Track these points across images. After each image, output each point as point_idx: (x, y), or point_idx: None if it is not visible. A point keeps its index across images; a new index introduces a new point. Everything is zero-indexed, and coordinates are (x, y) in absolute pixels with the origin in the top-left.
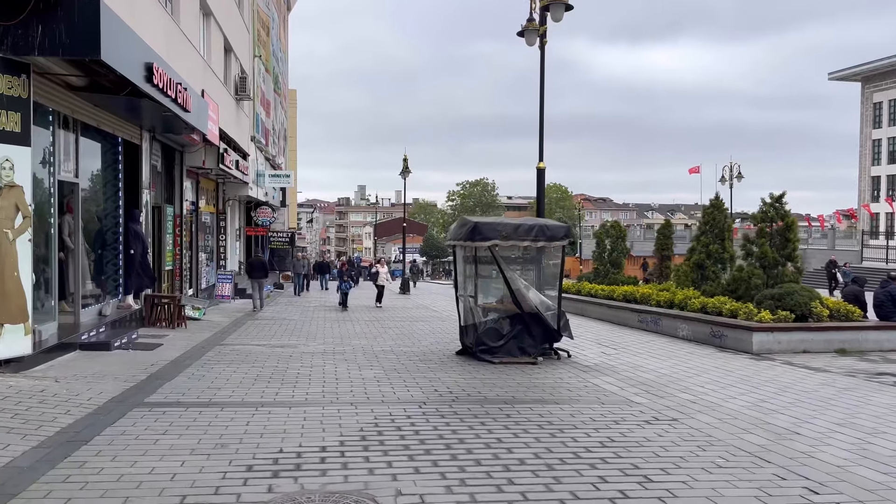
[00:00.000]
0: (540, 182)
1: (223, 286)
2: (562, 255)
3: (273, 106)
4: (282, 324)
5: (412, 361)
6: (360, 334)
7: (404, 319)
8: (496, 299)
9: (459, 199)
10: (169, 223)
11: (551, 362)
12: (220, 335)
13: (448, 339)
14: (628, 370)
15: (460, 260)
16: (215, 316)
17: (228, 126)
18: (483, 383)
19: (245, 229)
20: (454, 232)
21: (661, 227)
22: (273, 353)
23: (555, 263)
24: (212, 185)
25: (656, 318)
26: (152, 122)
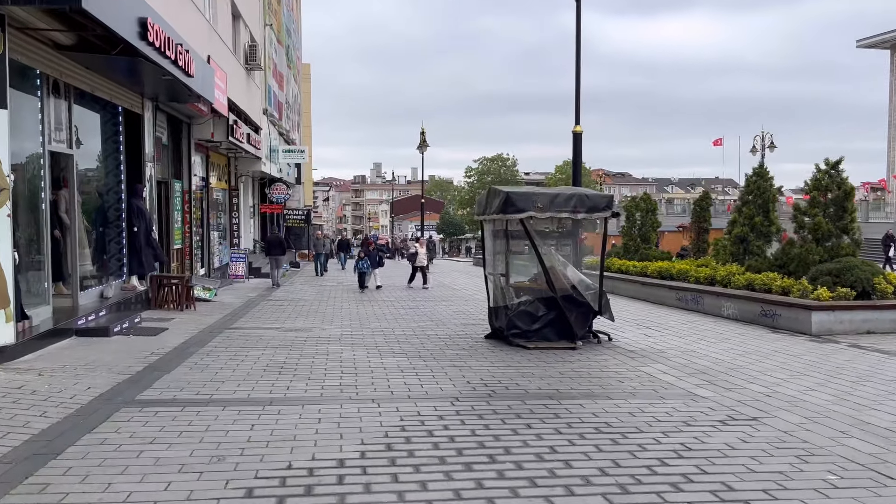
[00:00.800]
0: (576, 147)
1: (236, 265)
2: (604, 228)
3: (286, 79)
4: (297, 305)
5: (438, 347)
6: (380, 316)
7: (425, 299)
8: (529, 278)
9: (477, 175)
10: (177, 199)
11: (591, 347)
12: (230, 318)
13: (474, 321)
14: (679, 356)
15: (489, 235)
16: (227, 296)
17: (238, 97)
18: (520, 373)
19: (259, 207)
20: (482, 204)
21: (698, 199)
22: (286, 339)
23: (596, 237)
24: (223, 161)
25: (697, 296)
26: (153, 88)
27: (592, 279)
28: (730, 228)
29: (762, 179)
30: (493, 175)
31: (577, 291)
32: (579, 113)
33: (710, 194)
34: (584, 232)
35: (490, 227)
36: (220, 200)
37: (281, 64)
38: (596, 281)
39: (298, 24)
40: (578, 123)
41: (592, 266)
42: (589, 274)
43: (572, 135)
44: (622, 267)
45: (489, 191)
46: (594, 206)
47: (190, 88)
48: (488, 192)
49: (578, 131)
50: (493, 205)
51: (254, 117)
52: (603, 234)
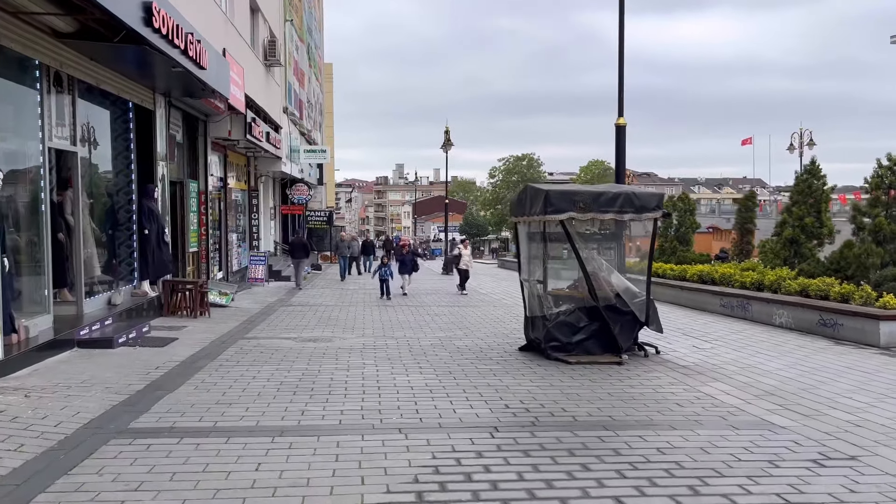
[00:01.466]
0: (620, 141)
1: (256, 268)
2: (653, 230)
3: (307, 78)
4: (316, 311)
5: (468, 360)
6: (404, 324)
7: (451, 304)
8: (569, 285)
9: (502, 174)
10: (192, 200)
11: (638, 361)
12: (246, 325)
13: (506, 330)
14: (739, 373)
15: (524, 238)
16: (245, 301)
17: (257, 94)
18: (564, 394)
19: (280, 208)
20: (517, 205)
21: (743, 199)
22: (304, 350)
23: (642, 241)
24: (242, 161)
25: (744, 303)
26: (165, 82)
27: (638, 286)
28: (778, 230)
29: (813, 177)
30: (518, 175)
31: (622, 300)
32: (622, 104)
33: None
34: (629, 234)
35: (525, 228)
36: (239, 201)
37: (302, 62)
38: (642, 288)
39: (320, 23)
40: (622, 115)
41: (634, 271)
42: (633, 280)
43: (615, 128)
44: (658, 270)
45: (525, 189)
46: (643, 206)
47: (203, 82)
48: (524, 191)
49: (622, 124)
50: (529, 205)
51: (273, 115)
52: (651, 237)
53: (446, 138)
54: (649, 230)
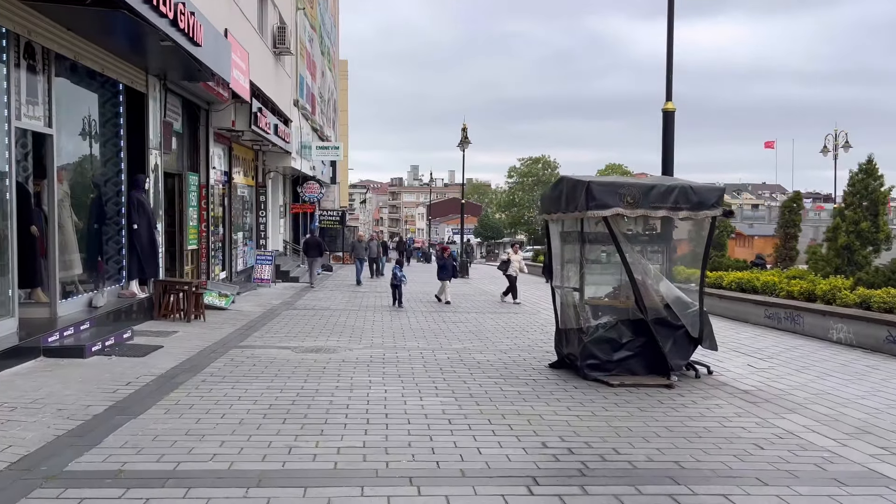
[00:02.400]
0: (667, 128)
1: (262, 268)
2: (709, 231)
3: (321, 72)
4: (322, 315)
5: (492, 379)
6: (417, 331)
7: (468, 311)
8: (608, 294)
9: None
10: (192, 194)
11: (689, 383)
12: (243, 331)
13: (530, 342)
14: (814, 400)
15: (556, 237)
16: (247, 304)
17: (265, 83)
18: (612, 428)
19: (291, 206)
20: (549, 200)
21: (787, 201)
22: (303, 363)
23: (693, 243)
24: (249, 155)
25: (794, 315)
26: (158, 62)
27: (689, 296)
28: (829, 235)
29: (870, 177)
30: (534, 177)
31: (673, 313)
32: (671, 87)
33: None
34: (680, 234)
35: (558, 227)
36: (245, 197)
37: (315, 54)
38: (694, 299)
39: (336, 18)
40: (670, 99)
41: (681, 278)
42: (682, 289)
43: (662, 114)
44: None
45: (560, 182)
46: (701, 202)
47: (199, 61)
48: (559, 184)
49: (670, 109)
50: (566, 199)
51: (283, 108)
52: (706, 239)
53: (463, 136)
54: (704, 231)
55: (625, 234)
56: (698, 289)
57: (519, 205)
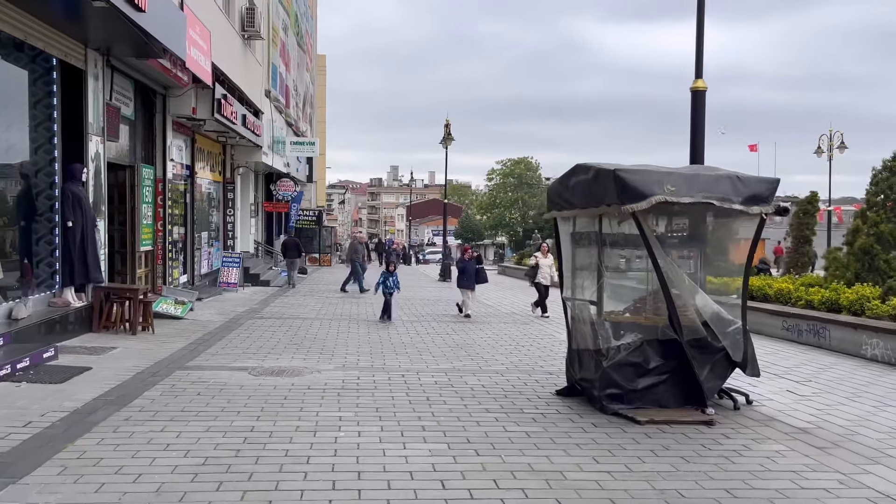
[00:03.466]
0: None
1: (228, 272)
2: (756, 232)
3: (296, 63)
4: (291, 326)
5: (491, 414)
6: (398, 346)
7: (455, 320)
8: (628, 307)
9: (500, 177)
10: (146, 189)
11: (730, 417)
12: (195, 346)
13: (529, 361)
14: (893, 444)
15: (566, 239)
16: (207, 312)
17: (231, 69)
18: (658, 493)
19: (263, 205)
20: (559, 193)
21: (803, 201)
22: (259, 391)
23: (734, 246)
24: (216, 148)
25: (818, 327)
26: (98, 31)
27: (728, 311)
28: (850, 238)
29: (894, 175)
30: (515, 178)
31: (712, 332)
32: (701, 63)
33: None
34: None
35: (568, 227)
36: (212, 194)
37: (290, 44)
38: (735, 315)
39: (313, 10)
40: (700, 76)
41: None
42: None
43: (691, 94)
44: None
45: (574, 171)
46: (753, 196)
47: (145, 32)
48: (571, 174)
49: (701, 87)
50: (584, 191)
51: (253, 97)
52: (752, 242)
53: (446, 132)
54: (750, 231)
55: None
56: (739, 302)
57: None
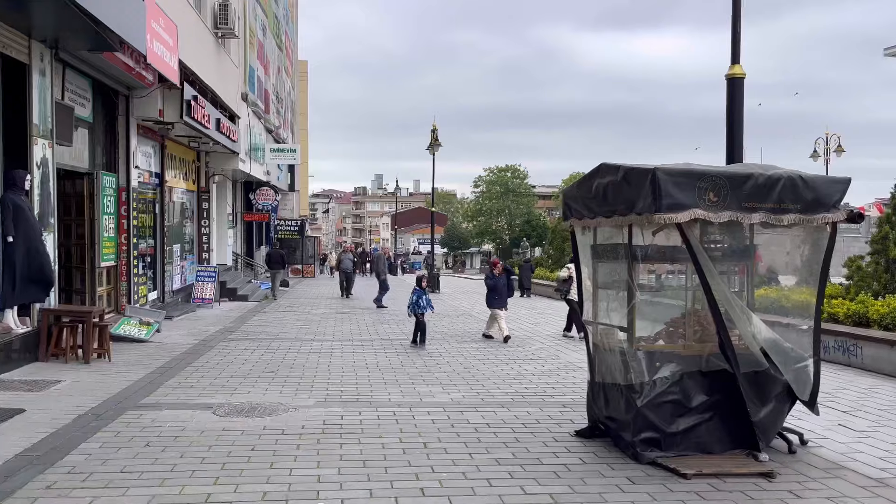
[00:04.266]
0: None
1: (203, 287)
2: (828, 241)
3: (276, 67)
4: (268, 349)
5: (503, 467)
6: (387, 372)
7: (447, 338)
8: (657, 330)
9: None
10: (108, 199)
11: (789, 465)
12: (155, 377)
13: (536, 390)
14: None
15: (585, 252)
16: (177, 332)
17: (203, 68)
18: None
19: (242, 215)
20: (579, 198)
21: None
22: (223, 438)
23: (797, 259)
24: (189, 155)
25: (847, 344)
26: (42, 20)
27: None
28: (876, 246)
29: None
30: (502, 186)
31: (772, 362)
32: (738, 47)
33: None
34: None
35: (587, 238)
36: (185, 204)
37: (269, 47)
38: (801, 343)
39: (294, 13)
40: (738, 62)
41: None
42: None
43: (727, 82)
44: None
45: (598, 172)
46: (818, 200)
47: (95, 20)
48: (595, 175)
49: (738, 74)
50: (610, 196)
51: (228, 101)
52: (825, 254)
53: (433, 138)
54: (821, 242)
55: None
56: (810, 328)
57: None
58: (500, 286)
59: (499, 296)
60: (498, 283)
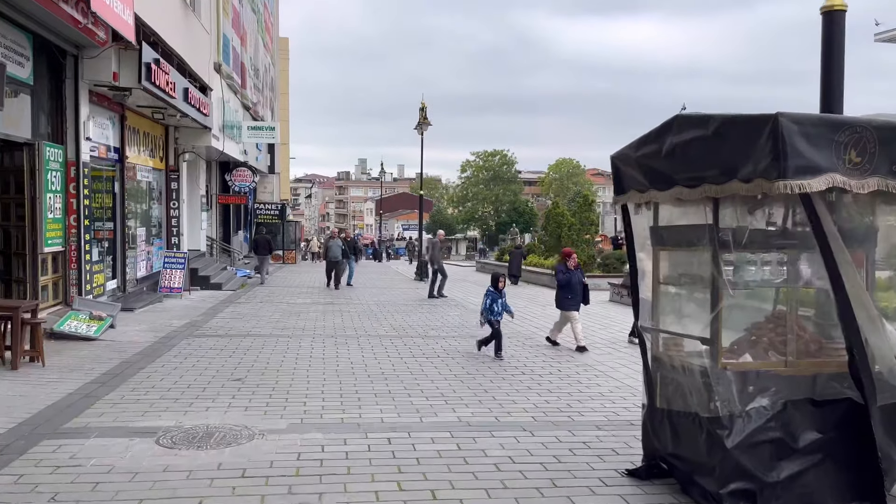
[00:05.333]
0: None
1: (171, 275)
2: None
3: (253, 41)
4: (237, 348)
5: None
6: (378, 381)
7: (442, 334)
8: (736, 339)
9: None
10: (54, 174)
11: None
12: (93, 389)
13: (560, 402)
14: None
15: (643, 237)
16: (135, 327)
17: (167, 30)
18: None
19: (218, 197)
20: (644, 159)
21: None
22: (160, 486)
23: None
24: (157, 130)
25: None
26: None
27: None
28: None
29: None
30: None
31: None
32: None
33: None
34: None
35: (645, 219)
36: (152, 184)
37: (246, 17)
38: None
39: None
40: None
41: None
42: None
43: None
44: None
45: (678, 125)
46: None
47: None
48: (669, 130)
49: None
50: (697, 158)
51: (199, 71)
52: None
53: (422, 116)
54: None
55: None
56: None
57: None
58: (576, 282)
59: (573, 294)
60: (572, 279)
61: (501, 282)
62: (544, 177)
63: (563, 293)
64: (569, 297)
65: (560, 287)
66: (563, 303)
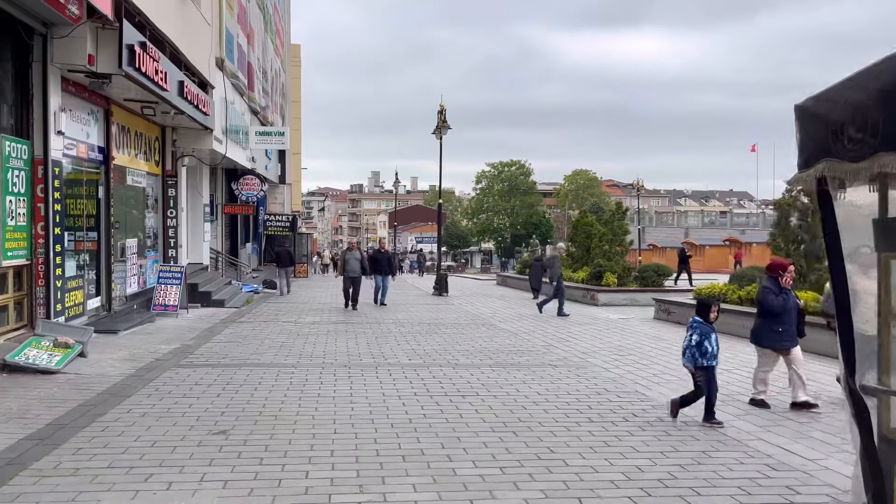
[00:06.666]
0: None
1: (166, 291)
2: None
3: (261, 41)
4: (230, 384)
5: None
6: (406, 433)
7: (483, 361)
8: None
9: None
10: (16, 174)
11: None
12: (24, 449)
13: (646, 462)
14: None
15: (851, 234)
16: (110, 355)
17: (159, 14)
18: None
19: (224, 207)
20: (855, 111)
21: None
22: None
23: None
24: (152, 131)
25: None
26: None
27: None
28: None
29: None
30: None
31: None
32: None
33: None
34: None
35: (856, 207)
36: (146, 191)
37: (253, 14)
38: None
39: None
40: None
41: None
42: None
43: None
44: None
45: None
46: None
47: None
48: None
49: None
50: None
51: (198, 64)
52: None
53: (440, 120)
54: None
55: None
56: None
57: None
58: (790, 307)
59: (787, 325)
60: (787, 303)
61: (714, 310)
62: (559, 188)
63: (771, 323)
64: (779, 330)
65: (765, 315)
66: (769, 337)
